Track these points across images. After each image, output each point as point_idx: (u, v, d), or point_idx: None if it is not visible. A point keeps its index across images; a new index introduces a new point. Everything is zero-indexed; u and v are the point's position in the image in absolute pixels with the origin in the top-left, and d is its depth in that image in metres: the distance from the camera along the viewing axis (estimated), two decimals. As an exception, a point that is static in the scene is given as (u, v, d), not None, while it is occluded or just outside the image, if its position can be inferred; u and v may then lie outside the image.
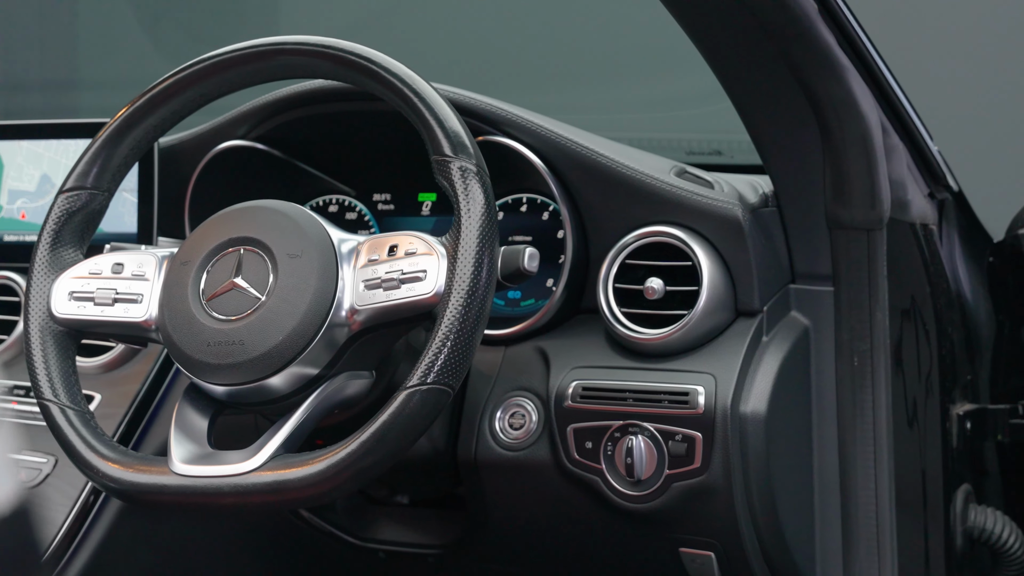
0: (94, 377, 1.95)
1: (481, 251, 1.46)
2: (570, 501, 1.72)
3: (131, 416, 1.89)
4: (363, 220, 1.98)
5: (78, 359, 1.91)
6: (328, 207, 2.00)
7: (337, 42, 1.58)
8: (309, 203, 2.01)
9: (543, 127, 1.77)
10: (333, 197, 2.00)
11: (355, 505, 1.97)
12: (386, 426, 1.43)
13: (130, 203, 2.01)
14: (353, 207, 1.99)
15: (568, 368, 1.71)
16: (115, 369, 1.95)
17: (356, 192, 1.99)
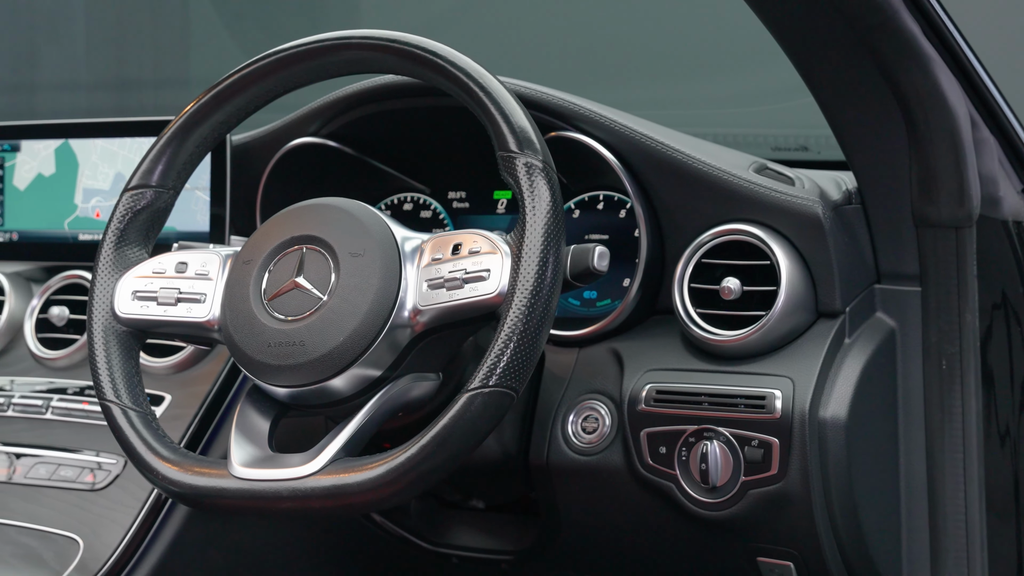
0: (165, 378, 1.93)
1: (546, 250, 1.41)
2: (644, 508, 1.67)
3: (201, 417, 1.87)
4: (438, 218, 1.94)
5: (149, 359, 1.92)
6: (403, 205, 1.97)
7: (402, 36, 1.54)
8: (383, 201, 1.97)
9: (617, 122, 1.72)
10: (408, 195, 1.97)
11: (429, 509, 1.94)
12: (447, 430, 1.39)
13: (203, 202, 1.99)
14: (428, 205, 1.95)
15: (642, 370, 1.66)
16: (186, 370, 1.93)
17: (430, 190, 1.96)
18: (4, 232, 2.16)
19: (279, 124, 1.94)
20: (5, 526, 1.88)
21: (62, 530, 1.84)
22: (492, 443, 1.71)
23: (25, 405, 1.99)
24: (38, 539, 1.85)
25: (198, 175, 1.98)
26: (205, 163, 1.98)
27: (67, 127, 2.12)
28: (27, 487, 1.91)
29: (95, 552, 1.80)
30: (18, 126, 2.16)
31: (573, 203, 1.84)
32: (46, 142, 2.13)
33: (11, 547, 1.85)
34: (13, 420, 1.99)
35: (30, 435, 1.96)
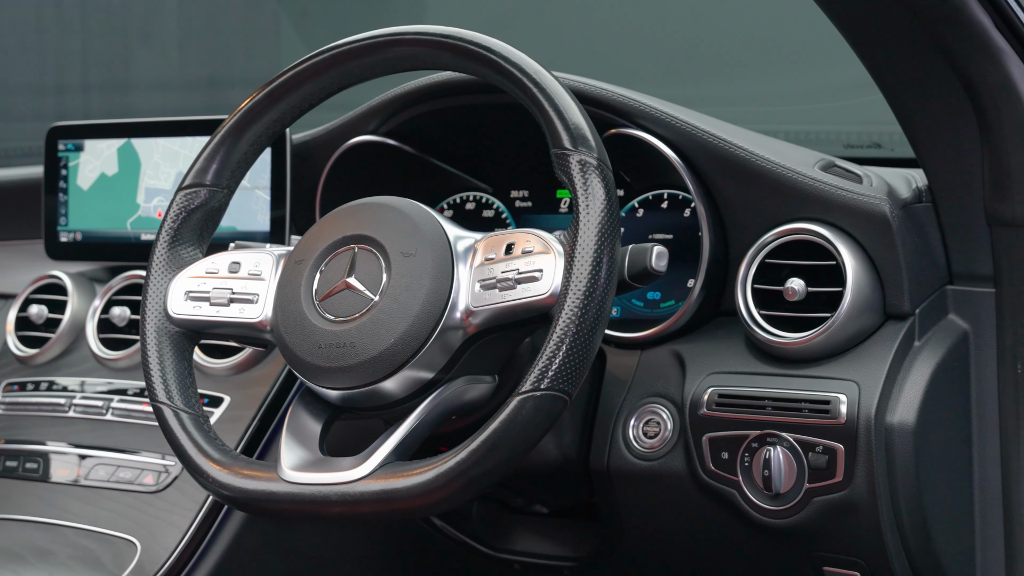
0: (224, 379, 1.91)
1: (600, 249, 1.37)
2: (706, 514, 1.62)
3: (259, 419, 1.85)
4: (500, 218, 1.91)
5: (208, 360, 1.91)
6: (465, 205, 1.94)
7: (456, 31, 1.51)
8: (445, 200, 1.94)
9: (678, 118, 1.67)
10: (470, 194, 1.94)
11: (491, 514, 1.90)
12: (497, 434, 1.35)
13: (263, 201, 1.97)
14: (490, 204, 1.92)
15: (704, 374, 1.62)
16: (245, 371, 1.91)
17: (493, 189, 1.92)
18: (68, 232, 2.16)
19: (339, 122, 1.92)
20: (64, 527, 1.87)
21: (120, 532, 1.83)
22: (551, 447, 1.67)
23: (86, 406, 1.98)
24: (96, 541, 1.84)
25: (258, 174, 1.97)
26: (266, 162, 1.96)
27: (129, 126, 2.11)
28: (87, 488, 1.90)
29: (152, 555, 1.79)
30: (81, 126, 2.15)
31: (637, 202, 1.80)
32: (109, 141, 2.12)
33: (69, 549, 1.84)
34: (74, 421, 1.98)
35: (91, 436, 1.95)
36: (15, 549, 1.87)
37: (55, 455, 1.96)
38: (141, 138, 2.10)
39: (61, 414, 2.00)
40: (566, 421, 1.67)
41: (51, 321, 2.11)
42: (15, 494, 1.95)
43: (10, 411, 2.06)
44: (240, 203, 1.98)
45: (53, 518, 1.89)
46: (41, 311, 2.12)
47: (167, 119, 2.08)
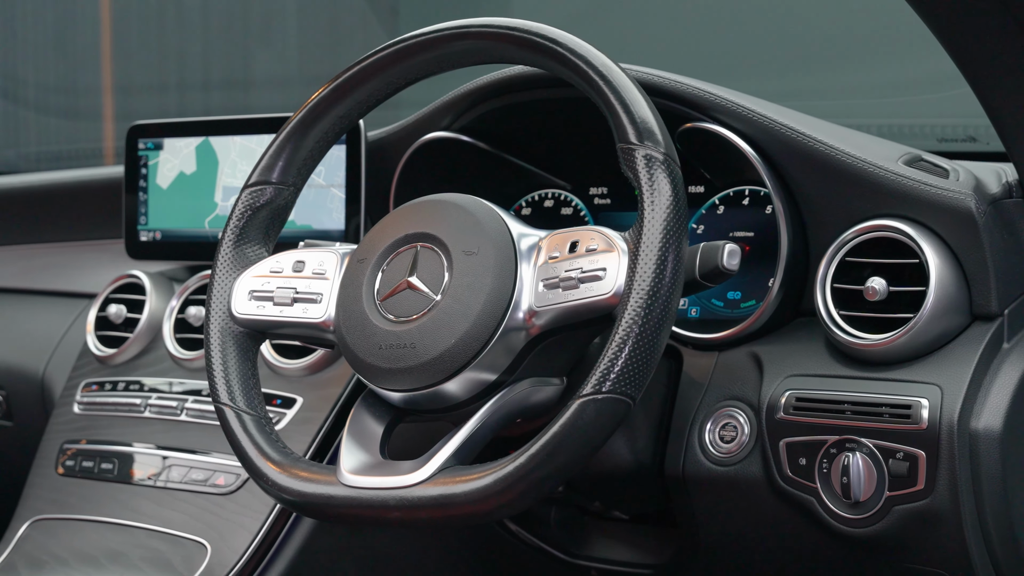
0: (298, 380, 1.89)
1: (665, 247, 1.32)
2: (784, 522, 1.56)
3: (332, 421, 1.82)
4: (579, 215, 1.86)
5: (282, 360, 1.89)
6: (543, 202, 1.89)
7: (521, 23, 1.47)
8: (524, 198, 1.90)
9: (755, 112, 1.61)
10: (548, 191, 1.89)
11: (570, 519, 1.86)
12: (557, 439, 1.31)
13: (338, 199, 1.94)
14: (568, 202, 1.88)
15: (782, 376, 1.56)
16: (319, 371, 1.88)
17: (571, 186, 1.88)
18: (148, 231, 2.15)
19: (413, 119, 1.89)
20: (137, 529, 1.86)
21: (191, 534, 1.81)
22: (624, 452, 1.62)
23: (161, 406, 1.97)
24: (167, 542, 1.82)
25: (333, 172, 1.94)
26: (341, 160, 1.94)
27: (207, 124, 2.10)
28: (159, 490, 1.89)
29: (222, 557, 1.77)
30: (160, 124, 2.14)
31: (717, 199, 1.75)
32: (187, 140, 2.11)
33: (140, 550, 1.83)
34: (150, 421, 1.97)
35: (165, 437, 1.94)
36: (89, 551, 1.87)
37: (129, 456, 1.95)
38: (219, 136, 2.08)
39: (137, 414, 1.99)
40: (640, 425, 1.62)
41: (130, 321, 2.10)
42: (92, 494, 1.95)
43: (88, 411, 2.05)
44: (316, 201, 1.96)
45: (126, 519, 1.88)
46: (120, 311, 2.11)
47: (244, 116, 2.06)
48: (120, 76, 4.13)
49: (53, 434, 2.06)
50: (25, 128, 4.09)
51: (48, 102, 4.28)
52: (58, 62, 4.24)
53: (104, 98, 4.28)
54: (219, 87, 3.72)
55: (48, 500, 1.98)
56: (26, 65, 4.25)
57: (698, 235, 1.75)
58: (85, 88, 4.16)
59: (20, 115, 4.13)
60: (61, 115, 4.05)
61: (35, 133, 4.01)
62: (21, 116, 4.14)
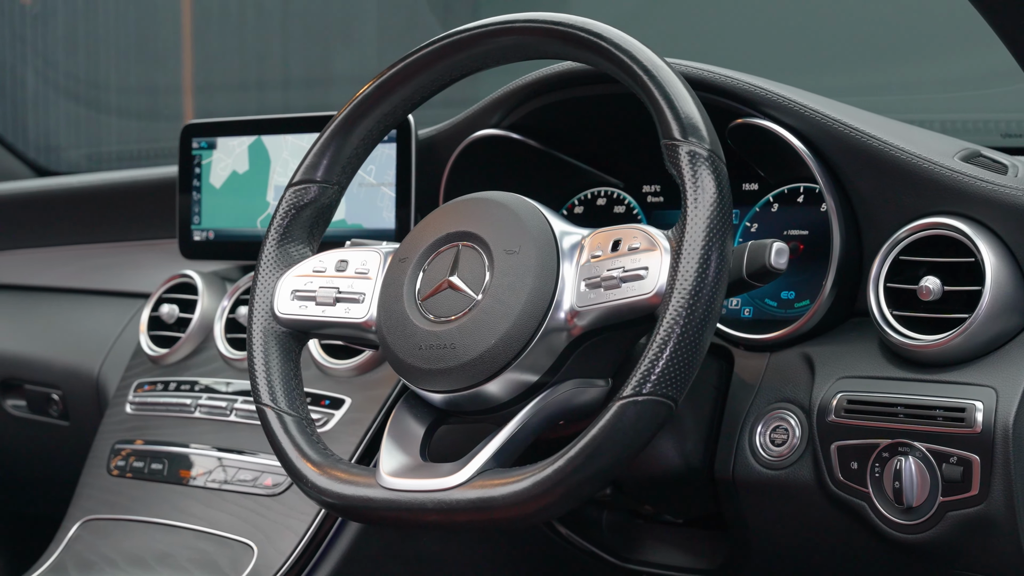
0: (346, 380, 1.87)
1: (708, 246, 1.29)
2: (836, 527, 1.52)
3: (379, 422, 1.80)
4: (631, 213, 1.83)
5: (331, 361, 1.87)
6: (596, 200, 1.86)
7: (566, 18, 1.44)
8: (576, 196, 1.87)
9: (806, 106, 1.57)
10: (601, 190, 1.86)
11: (621, 522, 1.83)
12: (597, 442, 1.28)
13: (389, 199, 1.92)
14: (621, 200, 1.84)
15: (833, 378, 1.52)
16: (367, 372, 1.87)
17: (624, 184, 1.85)
18: (201, 231, 2.14)
19: (462, 116, 1.87)
20: (184, 529, 1.85)
21: (238, 535, 1.80)
22: (673, 454, 1.59)
23: (211, 407, 1.96)
24: (214, 543, 1.81)
25: (384, 171, 1.92)
26: (391, 159, 1.92)
27: (259, 123, 2.09)
28: (208, 490, 1.88)
29: (268, 559, 1.75)
30: (213, 123, 2.13)
31: (772, 196, 1.71)
32: (240, 139, 2.10)
33: (188, 551, 1.82)
34: (200, 422, 1.96)
35: (214, 437, 1.93)
36: (137, 551, 1.86)
37: (179, 456, 1.94)
38: (271, 135, 2.07)
39: (187, 414, 1.98)
40: (689, 427, 1.59)
41: (182, 321, 2.10)
42: (142, 494, 1.94)
43: (140, 411, 2.05)
44: (366, 200, 1.94)
45: (175, 520, 1.87)
46: (172, 310, 2.10)
47: (296, 115, 2.05)
48: (200, 76, 4.16)
49: (106, 434, 2.06)
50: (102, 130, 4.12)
51: (129, 104, 4.32)
52: (139, 64, 4.28)
53: (184, 98, 4.32)
54: (299, 85, 3.74)
55: (99, 500, 1.98)
56: (108, 68, 4.30)
57: (752, 233, 1.71)
58: (166, 88, 4.19)
59: (100, 120, 4.17)
60: (143, 117, 4.09)
61: (115, 134, 4.05)
62: (102, 121, 4.17)
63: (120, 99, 4.11)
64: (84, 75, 4.19)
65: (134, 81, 4.19)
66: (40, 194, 2.62)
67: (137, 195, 2.42)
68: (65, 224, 2.55)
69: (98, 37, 4.22)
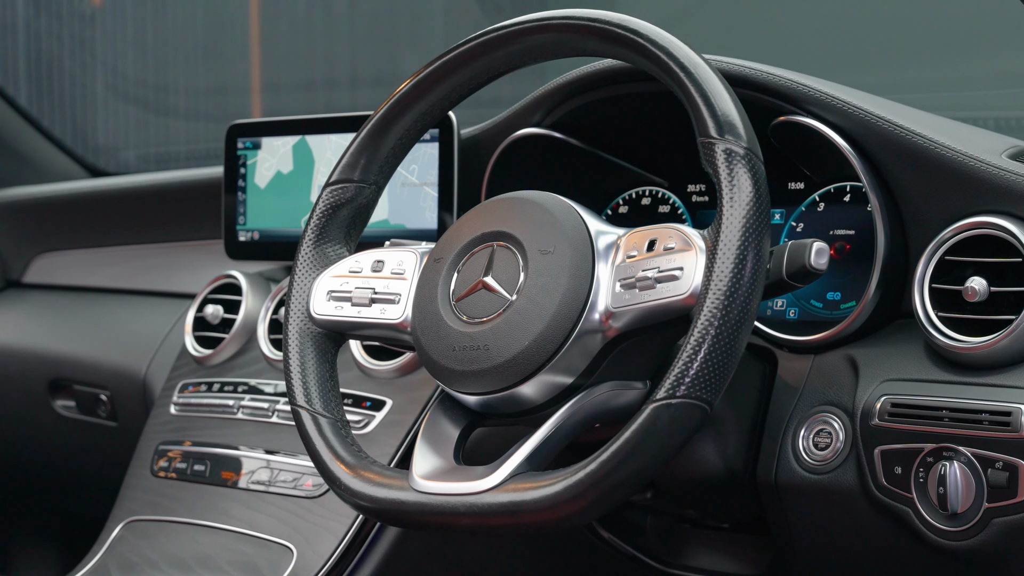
0: (388, 382, 1.86)
1: (744, 245, 1.26)
2: (880, 533, 1.49)
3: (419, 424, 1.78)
4: (676, 213, 1.81)
5: (372, 362, 1.86)
6: (640, 200, 1.84)
7: (602, 14, 1.42)
8: (621, 196, 1.85)
9: (850, 103, 1.54)
10: (646, 189, 1.84)
11: (666, 527, 1.80)
12: (629, 445, 1.25)
13: (431, 198, 1.91)
14: (666, 199, 1.82)
15: (877, 381, 1.48)
16: (409, 373, 1.85)
17: (669, 183, 1.82)
18: (246, 231, 2.13)
19: (504, 115, 1.85)
20: (225, 531, 1.84)
21: (277, 537, 1.79)
22: (714, 458, 1.56)
23: (253, 408, 1.95)
24: (254, 546, 1.80)
25: (427, 171, 1.91)
26: (434, 158, 1.90)
27: (303, 123, 2.08)
28: (248, 492, 1.87)
29: (307, 561, 1.74)
30: (257, 123, 2.13)
31: (818, 195, 1.68)
32: (284, 139, 2.09)
33: (228, 553, 1.81)
34: (242, 423, 1.95)
35: (256, 439, 1.92)
36: (179, 553, 1.86)
37: (221, 458, 1.94)
38: (315, 135, 2.06)
39: (230, 416, 1.97)
40: (731, 430, 1.56)
41: (226, 321, 2.09)
42: (184, 496, 1.94)
43: (184, 412, 2.05)
44: (409, 200, 1.93)
45: (216, 522, 1.87)
46: (216, 311, 2.10)
47: (339, 115, 2.03)
48: (268, 75, 4.19)
49: (150, 435, 2.06)
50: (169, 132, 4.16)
51: (197, 105, 4.35)
52: (207, 66, 4.31)
53: (252, 97, 4.35)
54: (366, 85, 3.74)
55: (142, 501, 1.97)
56: (176, 72, 4.33)
57: (797, 233, 1.68)
58: (234, 89, 4.22)
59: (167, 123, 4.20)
60: (210, 119, 4.12)
61: (183, 135, 4.08)
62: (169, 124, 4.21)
63: (187, 101, 4.14)
64: (152, 79, 4.23)
65: (201, 83, 4.22)
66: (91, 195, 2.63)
67: (186, 195, 2.42)
68: (115, 225, 2.56)
69: (167, 43, 4.25)
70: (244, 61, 4.36)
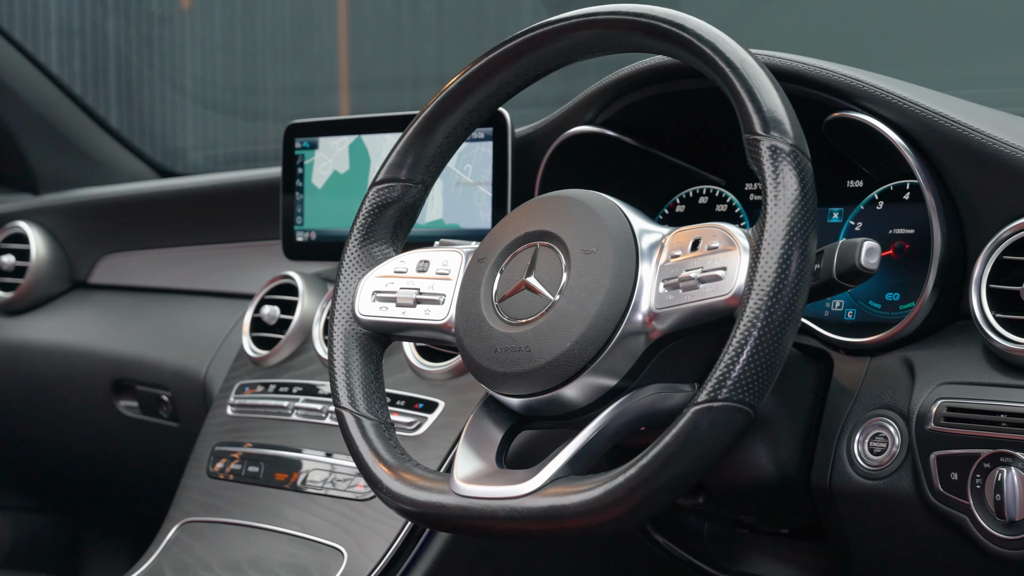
0: (440, 383, 1.84)
1: (789, 244, 1.23)
2: (937, 541, 1.45)
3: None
4: (733, 212, 1.77)
5: (425, 363, 1.84)
6: (698, 199, 1.80)
7: (648, 9, 1.39)
8: (678, 195, 1.82)
9: (906, 99, 1.50)
10: (703, 188, 1.80)
11: (723, 532, 1.76)
12: (670, 450, 1.22)
13: (486, 198, 1.89)
14: (723, 198, 1.78)
15: (933, 384, 1.44)
16: (462, 375, 1.83)
17: (726, 181, 1.78)
18: (303, 232, 2.12)
19: (557, 113, 1.83)
20: (277, 533, 1.83)
21: (329, 540, 1.78)
22: (766, 462, 1.52)
23: (307, 410, 1.94)
24: (306, 548, 1.79)
25: (481, 170, 1.89)
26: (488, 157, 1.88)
27: (359, 122, 2.06)
28: (301, 494, 1.86)
29: (357, 564, 1.73)
30: (315, 123, 2.12)
31: (877, 194, 1.64)
32: (341, 138, 2.07)
33: (279, 555, 1.80)
34: (296, 425, 1.95)
35: (309, 440, 1.91)
36: (232, 555, 1.85)
37: (275, 459, 1.93)
38: (371, 134, 2.04)
39: (284, 417, 1.97)
40: (784, 434, 1.52)
41: (283, 322, 2.08)
42: (238, 497, 1.93)
43: (240, 413, 2.04)
44: (464, 200, 1.91)
45: (269, 523, 1.86)
46: (273, 312, 2.09)
47: (394, 114, 2.02)
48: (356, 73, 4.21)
49: (207, 436, 2.06)
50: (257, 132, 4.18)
51: (285, 105, 4.37)
52: (296, 66, 4.33)
53: (340, 95, 4.37)
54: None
55: (198, 503, 1.97)
56: (264, 73, 4.36)
57: (856, 232, 1.64)
58: (321, 87, 4.24)
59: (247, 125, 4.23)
60: (279, 119, 4.14)
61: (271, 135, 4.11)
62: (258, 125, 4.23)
63: (277, 103, 4.16)
64: (241, 81, 4.25)
65: (289, 81, 4.24)
66: (153, 196, 2.63)
67: (247, 195, 2.41)
68: (177, 225, 2.56)
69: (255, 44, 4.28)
70: (332, 60, 4.38)
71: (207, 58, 4.57)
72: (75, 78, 4.73)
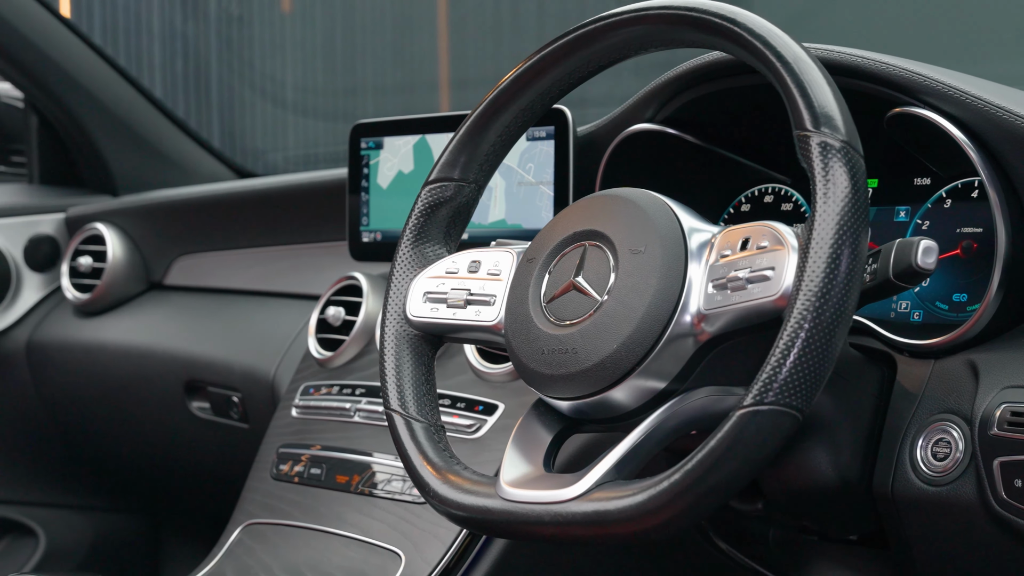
0: (501, 385, 1.82)
1: (839, 243, 1.19)
2: (1002, 549, 1.40)
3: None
4: (799, 211, 1.73)
5: (485, 365, 1.82)
6: (763, 198, 1.77)
7: (700, 3, 1.35)
8: (743, 194, 1.78)
9: (968, 93, 1.45)
10: (768, 186, 1.77)
11: (789, 539, 1.73)
12: (716, 454, 1.19)
13: (547, 197, 1.86)
14: (789, 197, 1.75)
15: (998, 388, 1.39)
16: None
17: (791, 180, 1.75)
18: (369, 232, 2.11)
19: (618, 112, 1.80)
20: (337, 536, 1.82)
21: (387, 543, 1.77)
22: (826, 468, 1.48)
23: (369, 412, 1.93)
24: (364, 551, 1.78)
25: (543, 170, 1.86)
26: (550, 156, 1.86)
27: (423, 122, 2.05)
28: (360, 496, 1.85)
29: (414, 568, 1.71)
30: (380, 123, 2.10)
31: (944, 191, 1.59)
32: (405, 138, 2.06)
33: (338, 558, 1.79)
34: (358, 427, 1.93)
35: (370, 443, 1.90)
36: (292, 557, 1.84)
37: (336, 461, 1.92)
38: (435, 134, 2.03)
39: (346, 419, 1.96)
40: (845, 438, 1.48)
41: (348, 323, 2.07)
42: (300, 499, 1.93)
43: (304, 414, 2.03)
44: (526, 199, 1.89)
45: (329, 526, 1.85)
46: (338, 313, 2.08)
47: (457, 113, 2.00)
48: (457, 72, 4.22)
49: (272, 437, 2.05)
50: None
51: (385, 104, 4.38)
52: (396, 66, 4.34)
53: (440, 93, 4.39)
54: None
55: (261, 504, 1.97)
56: (365, 71, 4.38)
57: (923, 231, 1.60)
58: (422, 85, 4.25)
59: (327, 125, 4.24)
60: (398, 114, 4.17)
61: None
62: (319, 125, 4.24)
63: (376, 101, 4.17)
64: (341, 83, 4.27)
65: (390, 82, 4.26)
66: (224, 197, 2.64)
67: (316, 196, 2.41)
68: (248, 227, 2.56)
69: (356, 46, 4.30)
70: (432, 60, 4.39)
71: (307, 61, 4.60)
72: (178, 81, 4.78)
